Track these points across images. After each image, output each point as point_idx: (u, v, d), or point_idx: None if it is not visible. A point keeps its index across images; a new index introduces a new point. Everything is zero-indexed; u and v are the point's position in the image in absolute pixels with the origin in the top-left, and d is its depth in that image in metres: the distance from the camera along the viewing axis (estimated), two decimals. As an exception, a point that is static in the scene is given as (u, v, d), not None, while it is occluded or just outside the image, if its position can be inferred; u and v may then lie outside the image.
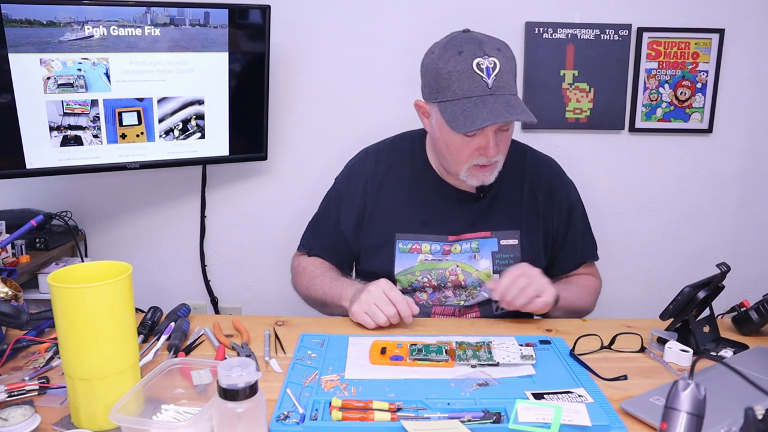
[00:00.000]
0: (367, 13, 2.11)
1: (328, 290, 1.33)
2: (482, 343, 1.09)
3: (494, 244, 1.35)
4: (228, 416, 0.75)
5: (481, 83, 1.17)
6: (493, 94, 1.17)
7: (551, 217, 1.39)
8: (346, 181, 1.45)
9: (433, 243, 1.35)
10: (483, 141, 1.22)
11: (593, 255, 1.48)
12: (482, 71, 1.17)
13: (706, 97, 2.18)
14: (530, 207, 1.38)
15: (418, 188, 1.38)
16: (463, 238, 1.35)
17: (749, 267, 2.31)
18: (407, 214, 1.37)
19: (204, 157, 1.99)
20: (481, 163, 1.25)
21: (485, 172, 1.27)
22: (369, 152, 1.46)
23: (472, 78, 1.17)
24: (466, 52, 1.18)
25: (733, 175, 2.26)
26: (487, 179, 1.28)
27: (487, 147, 1.22)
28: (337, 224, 1.42)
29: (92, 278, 0.87)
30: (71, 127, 1.77)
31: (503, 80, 1.18)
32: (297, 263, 1.47)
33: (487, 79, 1.17)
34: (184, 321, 1.18)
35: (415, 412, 0.87)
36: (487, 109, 1.15)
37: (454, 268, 1.35)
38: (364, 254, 1.40)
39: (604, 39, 2.12)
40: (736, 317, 1.23)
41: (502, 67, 1.18)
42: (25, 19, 1.63)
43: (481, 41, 1.20)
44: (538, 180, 1.40)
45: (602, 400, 0.93)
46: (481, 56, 1.17)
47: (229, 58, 1.91)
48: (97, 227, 2.23)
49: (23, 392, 0.92)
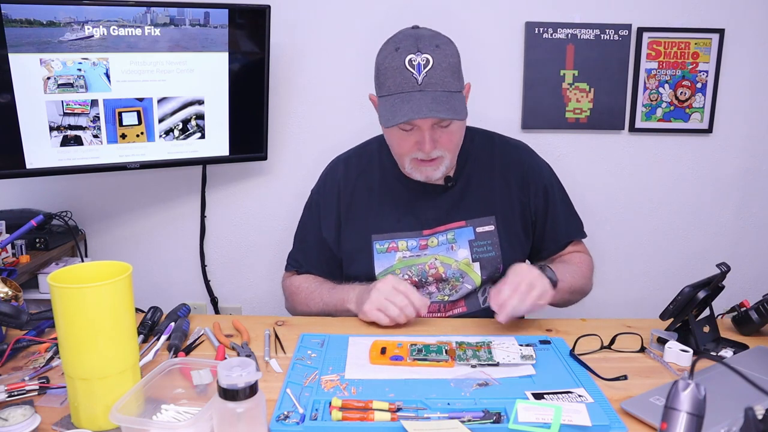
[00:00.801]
0: (367, 13, 2.11)
1: (329, 299, 1.33)
2: (482, 343, 1.09)
3: (470, 233, 1.37)
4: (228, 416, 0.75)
5: (411, 79, 1.20)
6: (423, 90, 1.19)
7: (527, 199, 1.40)
8: (321, 191, 1.46)
9: (409, 239, 1.36)
10: (419, 136, 1.24)
11: (579, 232, 1.47)
12: (413, 68, 1.19)
13: (706, 97, 2.18)
14: (503, 192, 1.39)
15: (388, 188, 1.40)
16: (438, 230, 1.37)
17: (749, 267, 2.31)
18: (381, 215, 1.38)
19: (204, 157, 1.99)
20: (420, 158, 1.27)
21: (427, 167, 1.29)
22: (339, 160, 1.49)
23: (403, 74, 1.20)
24: (402, 49, 1.21)
25: (733, 175, 2.26)
26: (430, 175, 1.30)
27: (422, 142, 1.24)
28: (319, 233, 1.43)
29: (92, 278, 0.87)
30: (71, 127, 1.77)
31: (435, 77, 1.20)
32: (288, 284, 1.46)
33: (417, 75, 1.19)
34: (184, 321, 1.18)
35: (415, 412, 0.87)
36: (411, 104, 1.18)
37: (433, 262, 1.36)
38: (345, 260, 1.42)
39: (604, 39, 2.12)
40: (736, 317, 1.23)
41: (436, 64, 1.20)
42: (25, 19, 1.63)
43: (420, 38, 1.22)
44: (509, 165, 1.41)
45: (602, 400, 0.93)
46: (414, 53, 1.20)
47: (229, 58, 1.91)
48: (97, 227, 2.23)
49: (23, 392, 0.92)
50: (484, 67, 2.11)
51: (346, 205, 1.41)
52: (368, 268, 1.37)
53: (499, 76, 2.15)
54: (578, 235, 1.47)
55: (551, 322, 1.27)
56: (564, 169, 1.52)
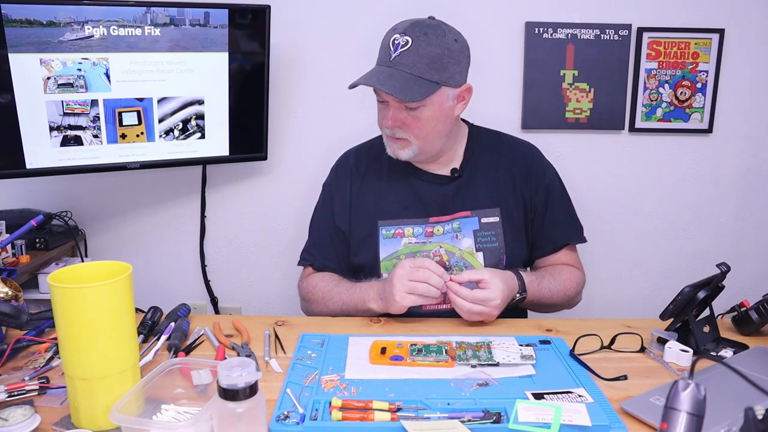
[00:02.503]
0: (367, 13, 2.11)
1: (348, 299, 1.32)
2: (482, 343, 1.09)
3: (475, 223, 1.38)
4: (228, 416, 0.75)
5: (387, 55, 1.27)
6: (391, 66, 1.26)
7: (529, 195, 1.42)
8: (333, 182, 1.49)
9: (415, 226, 1.38)
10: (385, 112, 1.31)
11: (577, 237, 1.47)
12: (393, 46, 1.26)
13: (706, 97, 2.18)
14: (507, 185, 1.41)
15: (396, 177, 1.43)
16: (444, 219, 1.39)
17: (749, 267, 2.31)
18: (388, 202, 1.41)
19: (204, 157, 1.99)
20: (388, 134, 1.34)
21: (395, 144, 1.34)
22: (350, 151, 1.54)
23: (385, 49, 1.28)
24: (394, 29, 1.29)
25: (733, 175, 2.26)
26: (397, 152, 1.35)
27: (384, 117, 1.31)
28: (332, 223, 1.44)
29: (92, 278, 0.87)
30: (71, 127, 1.77)
31: (407, 59, 1.24)
32: (305, 285, 1.44)
33: (393, 53, 1.26)
34: (184, 321, 1.18)
35: (415, 412, 0.87)
36: (371, 75, 1.27)
37: (438, 249, 1.37)
38: (353, 248, 1.43)
39: (604, 39, 2.12)
40: (736, 317, 1.23)
41: (413, 48, 1.24)
42: (25, 19, 1.63)
43: (416, 23, 1.27)
44: (514, 160, 1.44)
45: (602, 400, 0.93)
46: (399, 33, 1.26)
47: (229, 58, 1.91)
48: (97, 227, 2.23)
49: (23, 392, 0.92)
50: (484, 67, 2.11)
51: (357, 191, 1.44)
52: (374, 253, 1.38)
53: (499, 76, 2.15)
54: (576, 239, 1.47)
55: (551, 322, 1.27)
56: (564, 169, 1.52)
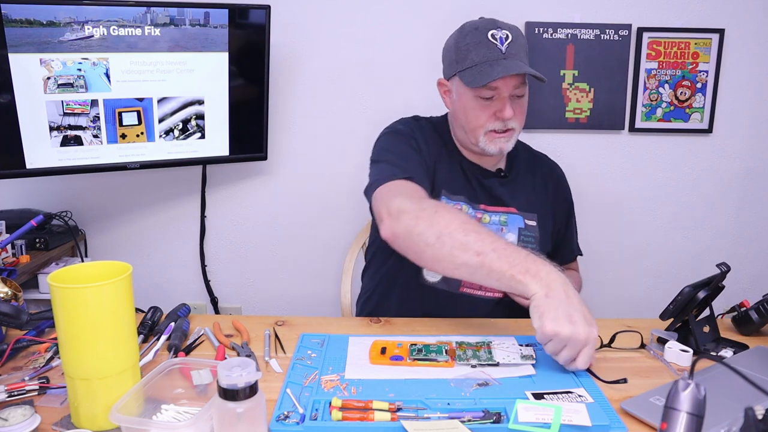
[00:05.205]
0: (367, 14, 2.11)
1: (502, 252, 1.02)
2: (482, 343, 1.09)
3: (520, 221, 1.39)
4: (228, 416, 0.75)
5: (496, 49, 1.26)
6: (507, 57, 1.26)
7: (558, 207, 1.47)
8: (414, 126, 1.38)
9: (470, 207, 1.36)
10: (499, 104, 1.29)
11: (579, 250, 1.57)
12: (497, 40, 1.27)
13: (706, 97, 2.18)
14: (542, 195, 1.44)
15: (451, 160, 1.40)
16: (493, 210, 1.38)
17: (749, 267, 2.31)
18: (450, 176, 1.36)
19: (204, 157, 1.99)
20: (497, 128, 1.30)
21: (502, 137, 1.31)
22: (418, 117, 1.45)
23: (487, 46, 1.26)
24: (481, 27, 1.29)
25: (733, 175, 2.26)
26: (504, 146, 1.32)
27: (502, 109, 1.28)
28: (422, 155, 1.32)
29: (92, 278, 0.87)
30: (71, 127, 1.77)
31: (516, 49, 1.27)
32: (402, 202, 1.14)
33: (501, 46, 1.26)
34: (184, 321, 1.18)
35: (415, 412, 0.87)
36: (501, 66, 1.24)
37: None
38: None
39: (604, 39, 2.12)
40: (736, 317, 1.23)
41: (515, 39, 1.28)
42: (25, 19, 1.63)
43: (496, 20, 1.31)
44: (548, 173, 1.48)
45: (602, 400, 0.92)
46: (495, 29, 1.28)
47: (229, 58, 1.91)
48: (97, 227, 2.23)
49: (23, 392, 0.92)
50: (484, 67, 2.11)
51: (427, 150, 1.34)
52: None
53: (499, 76, 2.15)
54: (579, 252, 1.56)
55: (551, 322, 1.26)
56: (564, 170, 1.52)
